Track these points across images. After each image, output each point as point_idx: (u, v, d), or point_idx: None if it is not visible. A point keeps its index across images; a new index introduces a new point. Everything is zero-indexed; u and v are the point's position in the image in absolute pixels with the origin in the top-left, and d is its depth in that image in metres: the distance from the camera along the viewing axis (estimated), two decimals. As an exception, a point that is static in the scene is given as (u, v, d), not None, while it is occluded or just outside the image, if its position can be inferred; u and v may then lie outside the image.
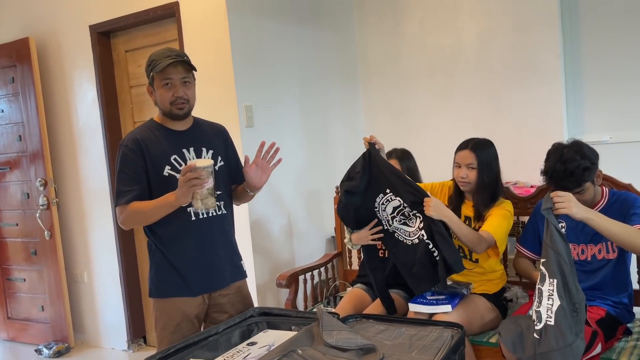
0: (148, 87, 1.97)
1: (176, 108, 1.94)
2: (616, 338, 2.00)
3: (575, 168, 1.95)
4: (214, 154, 2.03)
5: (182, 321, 1.98)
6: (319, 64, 3.56)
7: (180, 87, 1.93)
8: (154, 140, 1.95)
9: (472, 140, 2.33)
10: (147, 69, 1.95)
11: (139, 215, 1.92)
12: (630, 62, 3.14)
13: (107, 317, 3.71)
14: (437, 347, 1.62)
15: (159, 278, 2.00)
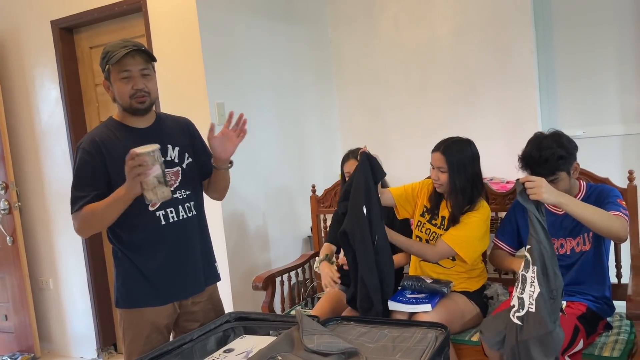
0: (104, 82, 1.82)
1: (137, 102, 1.80)
2: (597, 333, 1.99)
3: (550, 155, 1.96)
4: (180, 151, 1.90)
5: (152, 333, 1.87)
6: (292, 60, 3.49)
7: (139, 79, 1.79)
8: (115, 141, 1.80)
9: (446, 141, 2.29)
10: (102, 62, 1.80)
11: (92, 217, 1.75)
12: (601, 58, 3.18)
13: (75, 325, 3.57)
14: (421, 349, 1.58)
15: (126, 287, 1.87)
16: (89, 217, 1.76)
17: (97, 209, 1.74)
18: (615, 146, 3.17)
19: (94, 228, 1.84)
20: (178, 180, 1.88)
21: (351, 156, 2.64)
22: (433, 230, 2.35)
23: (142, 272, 1.85)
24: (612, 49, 3.15)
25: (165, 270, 1.86)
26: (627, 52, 3.11)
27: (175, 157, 1.89)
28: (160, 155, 1.65)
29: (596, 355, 1.90)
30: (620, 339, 1.98)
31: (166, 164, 1.82)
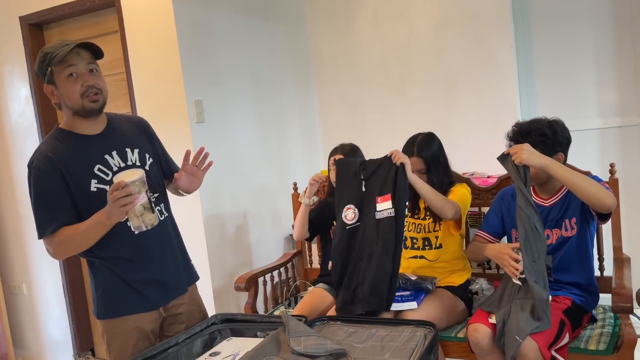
0: (46, 87, 1.67)
1: (89, 100, 1.66)
2: (582, 326, 2.00)
3: (534, 129, 2.00)
4: (140, 153, 1.79)
5: (139, 340, 1.79)
6: (271, 57, 3.44)
7: (88, 76, 1.66)
8: (69, 153, 1.67)
9: (414, 143, 2.29)
10: (41, 66, 1.65)
11: (70, 242, 1.66)
12: (579, 52, 3.20)
13: (50, 330, 3.47)
14: (410, 349, 1.56)
15: (107, 297, 1.78)
16: (66, 243, 1.67)
17: (75, 235, 1.64)
18: (593, 139, 3.21)
19: (71, 252, 1.74)
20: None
21: (340, 150, 2.59)
22: (419, 224, 2.35)
23: (124, 279, 1.77)
24: (589, 43, 3.18)
25: (147, 275, 1.80)
26: (605, 46, 3.15)
27: (136, 160, 1.78)
28: (145, 181, 1.58)
29: (582, 348, 1.91)
30: (605, 332, 1.99)
31: (128, 168, 1.74)
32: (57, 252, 1.71)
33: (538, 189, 2.12)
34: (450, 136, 3.33)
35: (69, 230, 1.65)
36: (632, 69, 3.08)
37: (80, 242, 1.67)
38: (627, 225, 2.22)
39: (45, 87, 1.69)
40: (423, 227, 2.34)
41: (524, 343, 1.75)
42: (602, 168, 2.37)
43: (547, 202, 2.09)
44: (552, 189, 2.09)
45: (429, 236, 2.33)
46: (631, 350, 1.79)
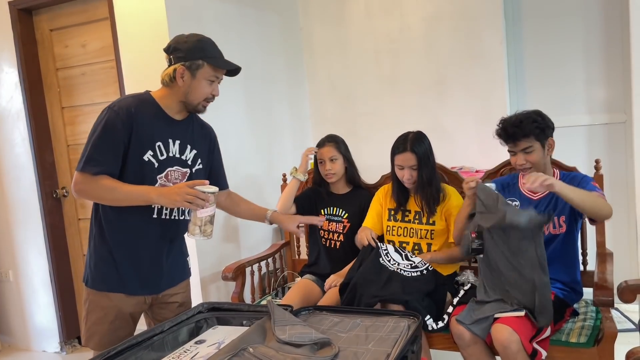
0: (181, 68, 1.74)
1: (203, 106, 1.83)
2: (564, 320, 2.03)
3: (525, 118, 2.04)
4: (195, 155, 1.89)
5: (116, 319, 1.83)
6: (262, 47, 3.43)
7: (217, 86, 1.83)
8: (147, 118, 1.75)
9: (407, 139, 2.30)
10: (193, 50, 1.75)
11: (108, 193, 1.71)
12: (569, 49, 3.23)
13: (36, 317, 3.45)
14: (394, 338, 1.57)
15: (97, 270, 1.82)
16: (104, 191, 1.71)
17: (114, 189, 1.70)
18: (581, 136, 3.24)
19: (95, 199, 1.79)
20: (183, 181, 1.85)
21: (327, 142, 2.59)
22: (410, 227, 2.37)
23: (116, 261, 1.80)
24: (579, 41, 3.21)
25: (141, 264, 1.83)
26: (594, 44, 3.18)
27: (189, 159, 1.87)
28: (216, 198, 1.71)
29: (563, 341, 1.94)
30: (587, 325, 2.02)
31: (179, 162, 1.83)
32: (82, 191, 1.73)
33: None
34: (440, 130, 3.37)
35: (110, 182, 1.70)
36: (620, 67, 3.11)
37: (111, 197, 1.72)
38: (610, 221, 2.25)
39: (179, 67, 1.74)
40: (415, 232, 2.36)
41: (505, 335, 1.78)
42: (589, 164, 2.39)
43: (535, 195, 2.12)
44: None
45: (420, 242, 2.36)
46: (611, 343, 1.82)
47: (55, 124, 3.31)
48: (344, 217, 2.58)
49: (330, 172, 2.55)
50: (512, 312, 1.85)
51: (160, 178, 1.80)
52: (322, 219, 2.21)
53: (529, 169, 2.06)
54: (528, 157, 2.03)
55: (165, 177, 1.81)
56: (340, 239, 2.57)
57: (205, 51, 1.77)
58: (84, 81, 3.17)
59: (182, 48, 1.75)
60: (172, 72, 1.76)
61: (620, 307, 2.95)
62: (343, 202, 2.60)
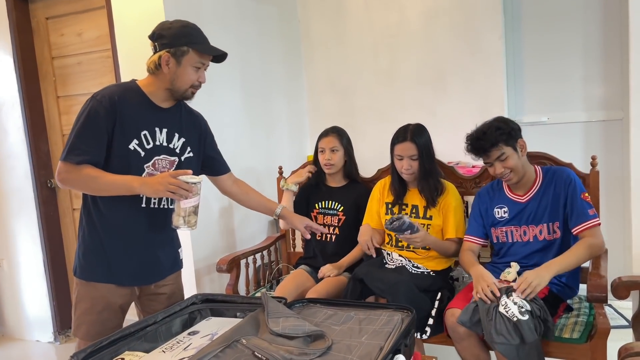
0: (166, 56, 1.72)
1: (191, 92, 1.80)
2: (558, 315, 2.03)
3: (487, 128, 2.04)
4: (184, 143, 1.87)
5: (105, 310, 1.82)
6: (260, 38, 3.41)
7: (203, 72, 1.80)
8: (131, 107, 1.73)
9: (408, 129, 2.30)
10: (176, 36, 1.72)
11: (91, 182, 1.69)
12: (568, 46, 3.22)
13: (30, 307, 3.45)
14: (387, 332, 1.57)
15: (86, 260, 1.82)
16: (87, 180, 1.69)
17: (97, 178, 1.68)
18: (577, 132, 3.24)
19: (79, 189, 1.77)
20: (172, 169, 1.83)
21: (330, 132, 2.57)
22: None
23: (106, 251, 1.80)
24: (578, 37, 3.20)
25: (129, 256, 1.82)
26: (592, 41, 3.17)
27: (177, 147, 1.85)
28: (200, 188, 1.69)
29: (556, 336, 1.94)
30: (580, 321, 2.02)
31: (167, 151, 1.81)
32: (65, 180, 1.71)
33: (513, 186, 2.14)
34: (437, 125, 3.35)
35: (93, 171, 1.68)
36: (619, 64, 3.10)
37: (94, 187, 1.71)
38: (606, 218, 2.25)
39: (164, 54, 1.72)
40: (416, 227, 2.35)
41: None
42: (585, 161, 2.39)
43: (523, 198, 2.12)
44: (527, 184, 2.12)
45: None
46: (604, 339, 1.83)
47: (50, 113, 3.29)
48: (339, 210, 2.57)
49: (329, 162, 2.54)
50: None
51: (148, 167, 1.78)
52: (324, 230, 2.21)
53: (510, 174, 2.05)
54: (505, 164, 2.03)
55: (152, 166, 1.79)
56: (335, 232, 2.56)
57: (190, 37, 1.74)
58: (79, 70, 3.15)
59: (167, 34, 1.73)
60: (157, 60, 1.74)
61: (613, 303, 2.96)
62: (338, 195, 2.59)
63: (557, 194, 2.04)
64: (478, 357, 1.97)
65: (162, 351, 1.58)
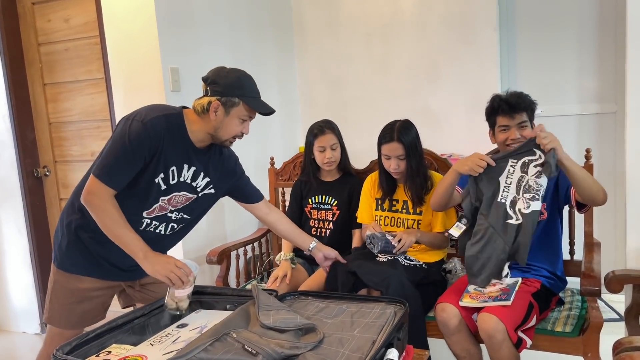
0: (216, 103, 1.70)
1: (230, 142, 1.80)
2: (550, 309, 2.02)
3: (520, 93, 2.04)
4: (208, 182, 1.84)
5: (84, 301, 1.80)
6: (251, 26, 3.36)
7: (248, 125, 1.79)
8: (172, 142, 1.70)
9: (394, 128, 2.25)
10: (230, 87, 1.70)
11: (107, 220, 1.66)
12: (562, 38, 3.20)
13: (16, 298, 3.39)
14: (380, 325, 1.55)
15: (71, 252, 1.79)
16: (105, 217, 1.65)
17: (116, 227, 1.65)
18: (571, 125, 3.23)
19: (96, 218, 1.69)
20: (184, 205, 1.82)
21: (326, 129, 2.50)
22: (397, 217, 2.35)
23: (96, 251, 1.77)
24: (573, 30, 3.18)
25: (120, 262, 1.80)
26: (587, 33, 3.15)
27: (200, 186, 1.82)
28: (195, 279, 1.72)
29: (549, 330, 1.93)
30: (572, 314, 2.02)
31: (188, 188, 1.79)
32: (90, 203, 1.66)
33: None
34: (430, 116, 3.34)
35: (115, 211, 1.65)
36: (613, 57, 3.09)
37: (106, 226, 1.67)
38: (597, 211, 2.24)
39: (214, 101, 1.69)
40: (403, 222, 2.34)
41: (491, 324, 1.76)
42: (578, 153, 2.37)
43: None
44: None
45: (409, 201, 2.33)
46: (597, 333, 1.82)
47: (36, 101, 3.22)
48: (333, 204, 2.54)
49: (330, 160, 2.49)
50: (498, 301, 1.83)
51: (163, 200, 1.76)
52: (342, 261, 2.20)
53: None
54: (522, 132, 2.00)
55: (167, 201, 1.77)
56: (329, 227, 2.53)
57: (244, 89, 1.73)
58: (67, 57, 3.08)
59: (221, 82, 1.70)
60: (206, 104, 1.71)
61: (605, 297, 2.96)
62: (332, 190, 2.56)
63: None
64: (468, 351, 1.95)
65: (150, 344, 1.55)
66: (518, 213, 1.89)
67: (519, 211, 1.89)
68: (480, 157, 1.95)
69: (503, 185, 1.93)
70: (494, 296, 1.87)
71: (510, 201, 1.90)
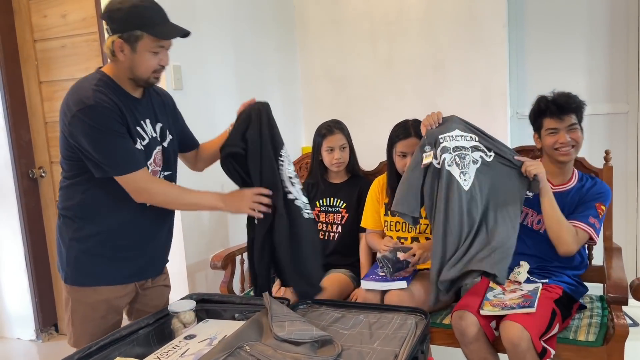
0: (119, 42, 1.54)
1: (154, 77, 1.63)
2: (571, 317, 1.95)
3: (569, 93, 1.98)
4: (162, 128, 1.74)
5: (108, 313, 1.69)
6: (254, 23, 3.27)
7: (166, 54, 1.63)
8: (121, 102, 1.58)
9: (408, 125, 2.20)
10: (127, 20, 1.53)
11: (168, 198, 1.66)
12: (572, 37, 3.14)
13: (11, 303, 3.29)
14: (401, 337, 1.47)
15: (82, 262, 1.66)
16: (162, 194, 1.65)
17: (185, 197, 1.68)
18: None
19: (161, 203, 1.67)
20: (164, 162, 1.74)
21: (335, 129, 2.42)
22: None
23: (108, 251, 1.67)
24: (583, 28, 3.11)
25: (133, 250, 1.70)
26: (598, 32, 3.09)
27: (158, 135, 1.72)
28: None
29: (571, 339, 1.85)
30: (594, 322, 1.94)
31: (156, 142, 1.70)
32: (143, 191, 1.62)
33: (550, 173, 2.02)
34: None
35: (167, 186, 1.68)
36: (624, 56, 3.03)
37: (177, 202, 1.71)
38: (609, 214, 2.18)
39: (116, 40, 1.54)
40: (413, 227, 2.25)
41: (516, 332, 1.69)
42: (589, 155, 2.29)
43: (554, 187, 2.01)
44: (564, 175, 2.04)
45: (419, 237, 2.26)
46: (622, 342, 1.74)
47: (32, 99, 3.12)
48: (341, 207, 2.45)
49: (339, 161, 2.41)
50: (522, 308, 1.76)
51: (151, 164, 1.67)
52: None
53: (571, 149, 1.95)
54: (572, 135, 1.93)
55: (154, 162, 1.68)
56: (338, 231, 2.45)
57: (143, 18, 1.54)
58: (63, 54, 2.98)
59: (117, 17, 1.54)
60: (110, 45, 1.56)
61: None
62: (340, 192, 2.47)
63: (582, 200, 1.95)
64: (486, 360, 1.88)
65: (157, 357, 1.47)
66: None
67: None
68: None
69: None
70: (517, 303, 1.79)
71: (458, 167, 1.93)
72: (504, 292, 1.92)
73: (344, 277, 2.33)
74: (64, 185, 1.67)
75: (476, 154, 1.97)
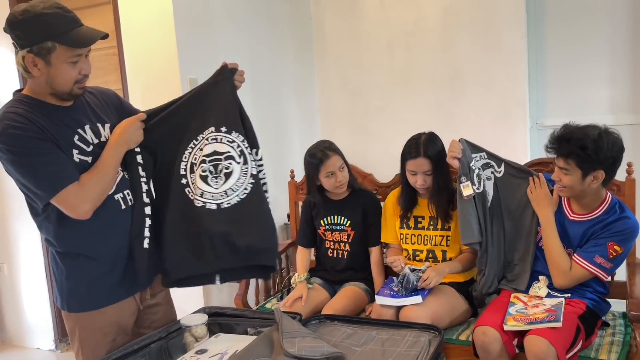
0: (29, 57, 1.39)
1: (78, 87, 1.48)
2: (594, 334, 1.89)
3: (576, 139, 1.81)
4: (111, 128, 1.60)
5: (118, 336, 1.62)
6: (271, 36, 3.29)
7: (85, 61, 1.47)
8: (47, 121, 1.45)
9: (420, 142, 2.15)
10: (33, 32, 1.38)
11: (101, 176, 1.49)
12: (593, 46, 3.08)
13: (31, 313, 3.33)
14: (414, 355, 1.45)
15: (82, 286, 1.58)
16: (99, 179, 1.49)
17: (104, 167, 1.50)
18: (604, 137, 3.09)
19: (103, 193, 1.52)
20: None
21: (329, 152, 2.32)
22: (423, 234, 2.25)
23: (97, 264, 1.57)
24: (604, 37, 3.05)
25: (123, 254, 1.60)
26: (619, 41, 3.02)
27: (108, 135, 1.58)
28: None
29: (592, 357, 1.80)
30: (616, 340, 1.87)
31: (96, 147, 1.55)
32: (85, 200, 1.46)
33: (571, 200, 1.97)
34: (455, 128, 3.21)
35: (88, 174, 1.48)
36: (647, 65, 2.96)
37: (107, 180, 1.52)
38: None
39: (26, 55, 1.39)
40: (430, 239, 2.24)
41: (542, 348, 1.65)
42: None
43: (573, 216, 1.96)
44: (586, 207, 1.93)
45: (435, 249, 2.23)
46: (645, 362, 1.68)
47: (53, 113, 3.17)
48: (346, 225, 2.41)
49: (342, 183, 2.36)
50: (548, 323, 1.71)
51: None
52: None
53: (564, 188, 1.88)
54: (562, 177, 1.86)
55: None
56: (346, 249, 2.41)
57: (51, 27, 1.38)
58: (84, 68, 3.02)
59: (20, 30, 1.38)
60: (22, 62, 1.41)
61: None
62: (343, 209, 2.40)
63: (595, 235, 1.88)
64: (509, 378, 1.82)
65: (168, 372, 1.46)
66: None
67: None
68: None
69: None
70: (541, 318, 1.75)
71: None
72: (526, 307, 1.87)
73: (359, 291, 2.30)
74: (37, 224, 1.59)
75: (487, 171, 2.08)
